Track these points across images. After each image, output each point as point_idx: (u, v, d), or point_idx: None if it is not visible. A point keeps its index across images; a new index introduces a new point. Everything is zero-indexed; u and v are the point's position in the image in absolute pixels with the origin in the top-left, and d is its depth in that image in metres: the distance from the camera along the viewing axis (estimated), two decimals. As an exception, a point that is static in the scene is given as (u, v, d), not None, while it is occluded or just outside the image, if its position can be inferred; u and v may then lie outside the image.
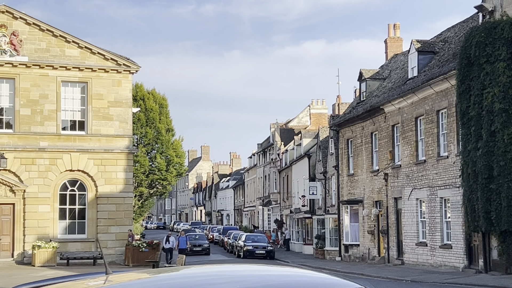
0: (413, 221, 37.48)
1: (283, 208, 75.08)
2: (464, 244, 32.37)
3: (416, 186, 37.00)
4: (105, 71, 46.52)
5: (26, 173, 44.14)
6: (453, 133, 33.09)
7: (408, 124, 37.99)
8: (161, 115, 71.62)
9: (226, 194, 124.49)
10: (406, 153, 38.22)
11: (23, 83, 44.49)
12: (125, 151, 46.52)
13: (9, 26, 44.68)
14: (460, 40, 36.86)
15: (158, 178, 71.40)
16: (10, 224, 44.24)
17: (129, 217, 47.32)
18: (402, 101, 38.16)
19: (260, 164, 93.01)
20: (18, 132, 44.22)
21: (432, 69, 36.76)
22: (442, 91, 34.02)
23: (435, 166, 34.92)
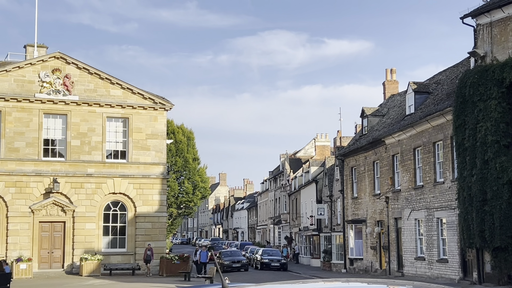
0: (412, 238, 36.65)
1: (292, 226, 74.32)
2: (459, 259, 31.53)
3: (414, 208, 36.21)
4: (144, 108, 46.50)
5: (75, 196, 44.05)
6: (448, 162, 32.38)
7: (407, 154, 37.30)
8: (189, 147, 71.23)
9: (241, 215, 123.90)
10: (405, 179, 37.48)
11: (74, 118, 44.56)
12: (160, 176, 46.41)
13: (62, 70, 44.82)
14: (452, 82, 36.33)
15: (185, 200, 70.83)
16: (61, 239, 44.05)
17: (163, 233, 47.05)
18: (402, 134, 37.50)
19: (271, 189, 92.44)
20: (69, 160, 44.17)
21: (428, 106, 36.15)
22: (438, 125, 33.37)
23: (432, 190, 34.17)
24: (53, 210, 43.51)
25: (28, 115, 43.50)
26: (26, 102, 43.46)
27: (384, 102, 49.53)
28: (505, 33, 28.62)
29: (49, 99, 44.01)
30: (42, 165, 43.54)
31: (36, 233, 43.07)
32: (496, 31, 29.00)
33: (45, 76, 44.29)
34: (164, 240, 47.30)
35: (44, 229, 43.64)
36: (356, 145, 45.91)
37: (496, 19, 28.87)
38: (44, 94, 44.04)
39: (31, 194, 42.86)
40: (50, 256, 43.73)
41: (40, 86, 44.09)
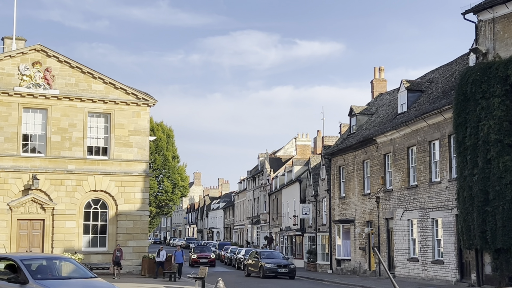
0: (404, 239, 35.85)
1: (273, 226, 73.33)
2: (456, 260, 30.76)
3: (408, 208, 35.42)
4: (126, 104, 45.26)
5: (55, 193, 42.65)
6: (446, 161, 31.61)
7: (400, 153, 36.52)
8: (168, 144, 70.11)
9: (217, 214, 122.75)
10: (398, 179, 36.69)
11: (54, 113, 43.14)
12: (142, 174, 45.21)
13: (43, 63, 43.34)
14: (447, 80, 35.67)
15: (165, 199, 69.65)
16: (40, 237, 42.64)
17: (144, 232, 45.83)
18: (395, 133, 36.69)
19: (249, 188, 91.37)
20: (49, 156, 42.71)
21: (423, 105, 35.41)
22: (435, 124, 32.60)
23: (427, 190, 33.38)
24: (32, 207, 42.10)
25: (6, 109, 41.98)
26: (5, 95, 41.92)
27: (372, 101, 48.79)
28: (508, 29, 27.93)
29: (29, 93, 42.54)
30: (21, 161, 42.08)
31: (14, 231, 41.58)
32: (499, 27, 28.29)
33: (25, 69, 42.79)
34: (146, 239, 46.12)
35: (22, 227, 42.19)
36: (344, 144, 45.07)
37: (499, 15, 28.17)
38: (24, 88, 42.52)
39: (9, 191, 41.38)
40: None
41: (20, 79, 42.56)
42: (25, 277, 17.58)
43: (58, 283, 17.64)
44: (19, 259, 18.63)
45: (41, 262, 19.75)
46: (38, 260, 20.19)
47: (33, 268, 18.56)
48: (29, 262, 19.02)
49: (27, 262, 18.80)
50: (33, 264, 19.01)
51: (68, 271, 19.31)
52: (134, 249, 43.93)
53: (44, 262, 19.84)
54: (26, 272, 17.71)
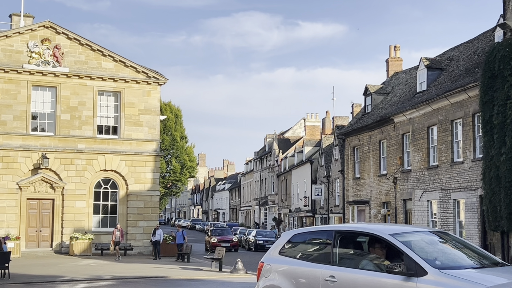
0: (423, 220, 34.89)
1: (282, 207, 72.55)
2: (480, 242, 29.75)
3: (427, 188, 34.43)
4: (137, 82, 44.62)
5: (65, 172, 42.14)
6: (469, 141, 30.55)
7: (419, 133, 35.47)
8: (176, 124, 69.18)
9: (222, 195, 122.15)
10: (417, 159, 35.67)
11: (63, 91, 42.57)
12: (153, 154, 44.64)
13: (52, 40, 42.69)
14: (469, 57, 34.54)
15: (173, 179, 68.83)
16: (50, 217, 42.29)
17: (155, 212, 45.28)
18: (414, 112, 35.62)
19: (256, 169, 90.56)
20: (59, 135, 42.17)
21: (443, 83, 34.30)
22: (458, 102, 31.51)
23: (448, 170, 32.36)
24: (41, 186, 41.59)
25: (15, 86, 41.31)
26: (13, 73, 41.25)
27: (388, 80, 47.64)
28: (539, 3, 26.83)
29: (38, 71, 41.84)
30: (30, 140, 41.41)
31: (23, 210, 41.10)
32: (529, 1, 27.18)
33: (34, 46, 42.01)
34: (157, 220, 45.39)
35: (32, 206, 41.70)
36: (359, 124, 44.02)
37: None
38: (33, 65, 41.83)
39: (18, 170, 40.76)
40: (38, 234, 41.77)
41: (29, 56, 41.86)
42: (416, 265, 9.99)
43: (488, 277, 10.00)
44: (391, 236, 10.82)
45: (420, 238, 11.45)
46: (413, 234, 11.52)
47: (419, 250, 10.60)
48: (406, 239, 10.83)
49: (402, 239, 10.80)
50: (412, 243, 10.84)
51: None
52: (144, 230, 43.52)
53: (423, 237, 11.63)
54: (417, 258, 10.10)
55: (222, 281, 24.63)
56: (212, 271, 29.15)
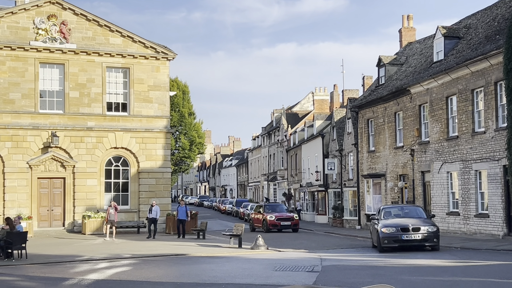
0: (443, 192, 34.29)
1: (292, 182, 71.98)
2: (504, 214, 29.17)
3: (447, 160, 33.78)
4: (145, 58, 43.99)
5: (75, 150, 41.60)
6: (491, 110, 29.84)
7: (437, 103, 34.74)
8: (184, 101, 68.48)
9: (229, 172, 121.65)
10: (435, 130, 34.97)
11: (71, 68, 41.97)
12: (163, 130, 44.07)
13: (58, 16, 42.01)
14: (488, 24, 33.72)
15: (182, 156, 68.28)
16: (61, 196, 41.82)
17: (167, 190, 44.78)
18: (432, 82, 34.86)
19: (264, 145, 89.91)
20: (68, 113, 41.61)
21: (462, 51, 33.50)
22: (478, 71, 30.74)
23: (469, 141, 31.68)
24: (52, 165, 41.05)
25: (23, 64, 40.63)
26: (20, 50, 40.54)
27: (401, 50, 46.77)
28: None
29: (45, 47, 41.13)
30: (40, 118, 40.78)
31: (34, 189, 40.58)
32: (555, -36, 26.31)
33: (41, 23, 41.21)
34: (169, 197, 44.84)
35: (43, 185, 41.20)
36: (373, 96, 43.28)
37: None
38: (40, 42, 41.09)
39: (28, 149, 40.19)
40: (50, 213, 41.33)
41: (35, 33, 41.10)
42: None
43: None
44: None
45: None
46: None
47: None
48: None
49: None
50: None
51: None
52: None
53: None
54: None
55: (246, 257, 24.09)
56: (231, 248, 28.64)
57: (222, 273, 18.92)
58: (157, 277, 18.42)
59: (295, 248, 29.11)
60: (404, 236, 24.59)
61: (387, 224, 25.18)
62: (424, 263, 20.30)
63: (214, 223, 53.78)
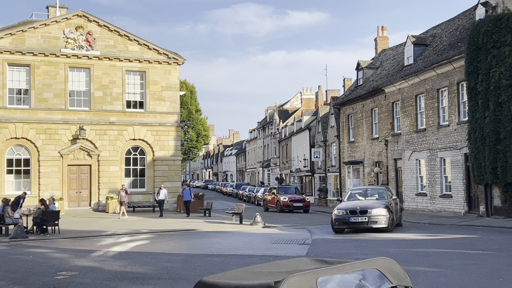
0: (413, 176, 34.10)
1: (283, 168, 71.66)
2: (465, 194, 29.02)
3: (416, 149, 33.57)
4: (159, 63, 43.52)
5: (99, 141, 41.23)
6: (454, 106, 29.61)
7: (408, 101, 34.49)
8: (192, 99, 67.91)
9: (230, 160, 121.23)
10: (406, 124, 34.74)
11: (96, 71, 41.53)
12: (174, 124, 43.68)
13: (85, 27, 41.48)
14: (451, 33, 33.42)
15: (190, 146, 67.78)
16: (88, 180, 41.43)
17: (178, 175, 44.37)
18: (403, 83, 34.60)
19: (260, 137, 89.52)
20: (93, 109, 41.17)
21: (429, 57, 33.22)
22: (443, 73, 30.48)
23: (435, 133, 31.47)
24: (80, 154, 40.67)
25: (55, 68, 40.17)
26: (52, 56, 40.09)
27: (376, 56, 46.43)
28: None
29: (74, 54, 40.68)
30: (69, 114, 40.39)
31: (65, 175, 40.24)
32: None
33: (70, 33, 40.77)
34: (180, 181, 44.55)
35: (72, 171, 40.80)
36: (353, 95, 42.96)
37: (509, -29, 25.84)
38: (69, 49, 40.63)
39: (59, 140, 39.83)
40: (78, 195, 40.98)
41: (65, 42, 40.64)
42: None
43: None
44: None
45: None
46: None
47: None
48: None
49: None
50: None
51: None
52: (169, 190, 42.57)
53: None
54: None
55: (246, 232, 23.84)
56: (233, 224, 28.38)
57: (227, 245, 18.68)
58: (172, 249, 18.17)
59: (287, 224, 28.88)
60: (352, 219, 21.77)
61: (339, 207, 22.71)
62: (399, 237, 20.08)
63: (217, 203, 53.51)
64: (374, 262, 4.13)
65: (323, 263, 4.37)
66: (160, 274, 12.39)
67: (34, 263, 15.21)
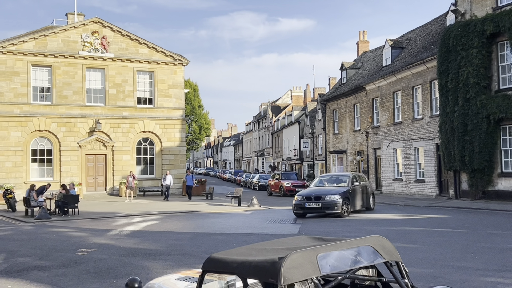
0: (390, 164, 34.08)
1: (275, 157, 71.56)
2: (436, 179, 29.05)
3: (393, 139, 33.54)
4: (166, 64, 43.11)
5: (113, 133, 40.88)
6: (427, 102, 29.57)
7: (386, 97, 34.41)
8: (195, 96, 67.60)
9: (228, 150, 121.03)
10: (384, 117, 34.68)
11: (110, 71, 41.10)
12: (180, 118, 43.38)
13: (100, 32, 41.01)
14: (425, 37, 33.32)
15: (194, 138, 67.57)
16: (103, 168, 41.05)
17: (183, 163, 44.13)
18: (382, 81, 34.51)
19: (255, 129, 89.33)
20: (108, 105, 40.80)
21: (405, 58, 33.12)
22: (417, 72, 30.42)
23: (410, 125, 31.44)
24: (96, 145, 40.39)
25: (73, 69, 39.81)
26: (71, 58, 39.72)
27: (358, 58, 46.27)
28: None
29: (90, 56, 40.31)
30: (86, 109, 40.08)
31: (83, 163, 39.95)
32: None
33: (86, 37, 40.39)
34: (184, 168, 44.33)
35: (89, 160, 40.53)
36: (337, 92, 42.85)
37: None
38: (86, 52, 40.25)
39: (78, 133, 39.55)
40: (95, 181, 40.74)
41: (83, 45, 40.24)
42: None
43: None
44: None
45: None
46: None
47: None
48: None
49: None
50: None
51: None
52: (175, 176, 42.48)
53: None
54: None
55: (245, 213, 23.76)
56: (233, 206, 28.29)
57: (228, 225, 18.60)
58: (179, 228, 18.08)
59: (280, 206, 28.81)
60: (307, 204, 20.39)
61: (299, 193, 21.36)
62: (379, 217, 20.04)
63: (218, 188, 53.36)
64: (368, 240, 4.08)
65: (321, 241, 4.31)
66: (169, 251, 12.31)
67: (57, 241, 15.10)
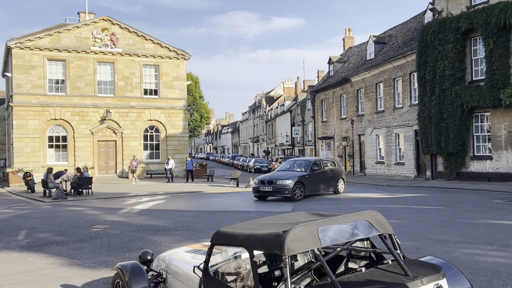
0: (373, 148, 34.04)
1: (269, 143, 71.49)
2: (414, 162, 29.04)
3: (376, 126, 33.46)
4: (170, 58, 42.68)
5: (122, 122, 40.54)
6: (406, 92, 29.46)
7: (370, 88, 34.26)
8: (196, 88, 67.18)
9: (226, 137, 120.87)
10: (368, 106, 34.56)
11: (119, 65, 40.62)
12: (182, 108, 43.05)
13: (109, 29, 40.48)
14: (405, 34, 33.11)
15: (195, 126, 67.28)
16: (114, 153, 40.79)
17: (185, 148, 43.91)
18: (366, 73, 34.33)
19: (250, 118, 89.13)
20: (117, 96, 40.40)
21: (387, 53, 32.93)
22: (398, 65, 30.26)
23: (391, 114, 31.35)
24: (107, 132, 40.11)
25: (85, 63, 39.39)
26: (83, 53, 39.28)
27: (344, 53, 46.00)
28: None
29: (101, 51, 39.86)
30: (98, 100, 39.74)
31: (95, 148, 39.70)
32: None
33: (97, 34, 39.92)
34: (187, 153, 44.17)
35: (100, 146, 40.26)
36: (325, 84, 42.65)
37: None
38: (97, 47, 39.80)
39: (90, 121, 39.24)
40: (106, 165, 40.52)
41: (94, 41, 39.78)
42: None
43: None
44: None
45: None
46: None
47: None
48: None
49: None
50: None
51: None
52: (179, 160, 42.35)
53: None
54: None
55: (243, 193, 23.69)
56: (231, 187, 28.23)
57: (228, 204, 18.52)
58: (184, 207, 17.99)
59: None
60: (261, 188, 19.44)
61: (258, 178, 20.31)
62: (366, 196, 20.02)
63: (217, 171, 53.27)
64: (363, 215, 4.00)
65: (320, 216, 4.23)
66: (176, 226, 12.21)
67: (73, 218, 14.98)
